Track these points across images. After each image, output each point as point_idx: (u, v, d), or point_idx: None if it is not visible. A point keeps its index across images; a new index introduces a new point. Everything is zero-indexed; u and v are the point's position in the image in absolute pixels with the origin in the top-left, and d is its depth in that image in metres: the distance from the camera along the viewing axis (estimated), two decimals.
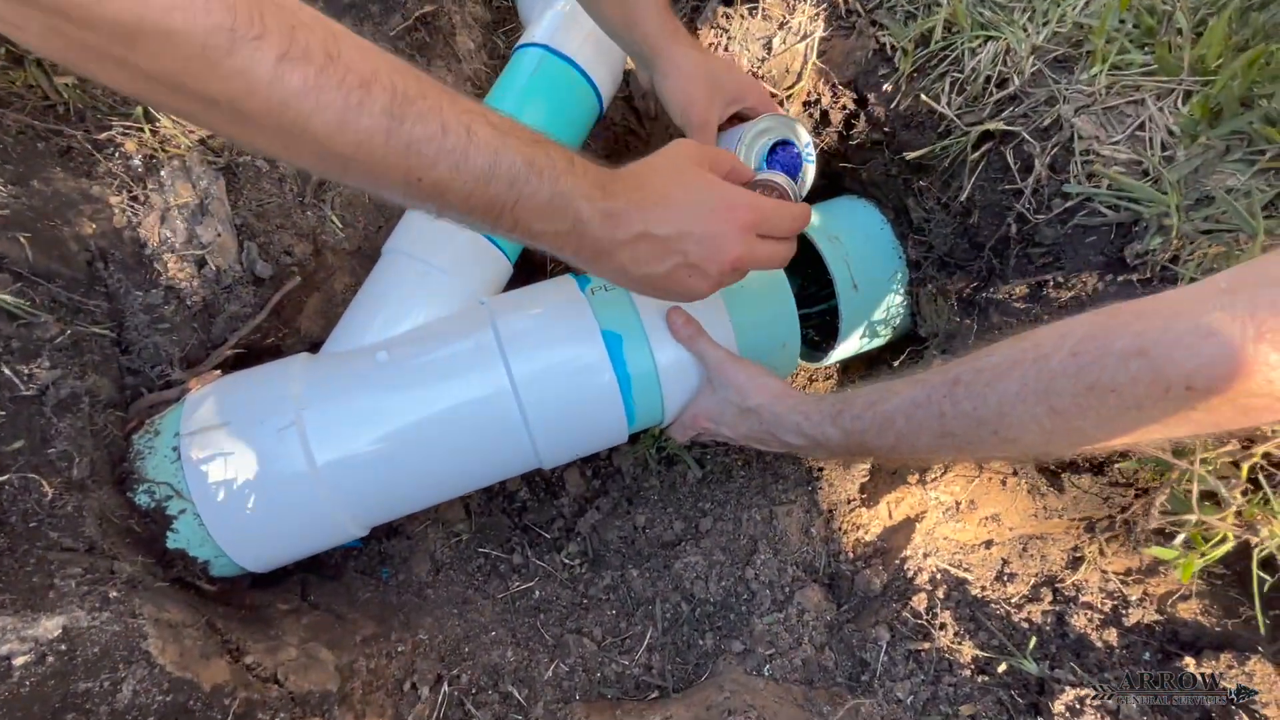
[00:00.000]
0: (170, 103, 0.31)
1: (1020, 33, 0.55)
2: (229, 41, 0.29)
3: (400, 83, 0.34)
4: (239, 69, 0.29)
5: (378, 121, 0.33)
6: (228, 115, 0.31)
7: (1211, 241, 0.43)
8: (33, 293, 0.49)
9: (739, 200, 0.47)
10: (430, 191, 0.36)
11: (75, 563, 0.43)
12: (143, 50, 0.28)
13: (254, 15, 0.29)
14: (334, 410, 0.57)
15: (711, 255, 0.45)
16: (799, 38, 0.72)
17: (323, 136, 0.32)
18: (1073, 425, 0.35)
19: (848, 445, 0.49)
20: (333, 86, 0.31)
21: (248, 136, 0.33)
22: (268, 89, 0.30)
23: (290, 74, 0.30)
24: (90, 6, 0.26)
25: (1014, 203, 0.55)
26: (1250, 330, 0.27)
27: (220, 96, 0.30)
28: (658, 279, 0.46)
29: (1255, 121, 0.44)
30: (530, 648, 0.67)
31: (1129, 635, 0.58)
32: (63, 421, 0.47)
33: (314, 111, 0.31)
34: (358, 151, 0.33)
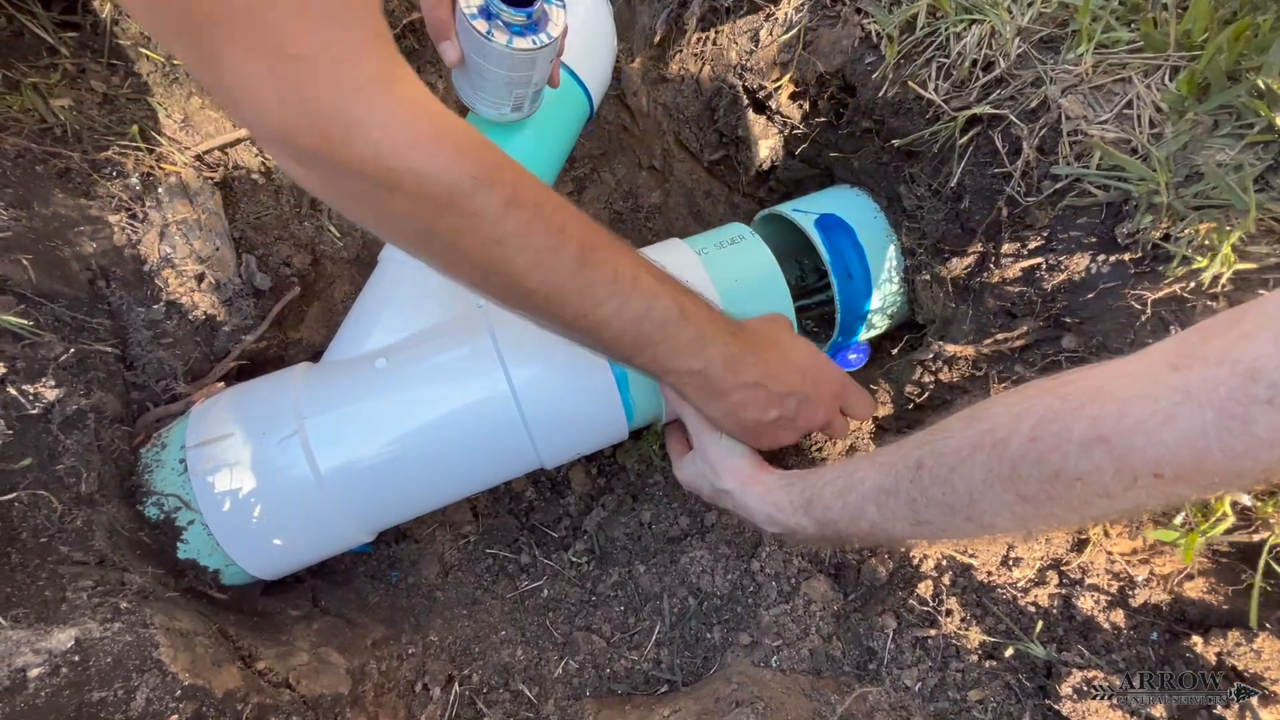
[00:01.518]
0: (396, 235, 0.38)
1: (1005, 15, 0.55)
2: (472, 187, 0.35)
3: (587, 234, 0.41)
4: (476, 210, 0.35)
5: (567, 263, 0.39)
6: (445, 247, 0.37)
7: (1202, 218, 0.43)
8: (36, 313, 0.50)
9: (837, 375, 0.56)
10: (592, 326, 0.42)
11: (86, 575, 0.44)
12: (396, 191, 0.34)
13: (493, 164, 0.36)
14: (336, 418, 0.58)
15: (807, 415, 0.53)
16: (785, 28, 0.72)
17: (520, 271, 0.38)
18: (1045, 511, 0.34)
19: (823, 535, 0.49)
20: (539, 229, 0.38)
21: (450, 264, 0.39)
22: (490, 229, 0.36)
23: (510, 218, 0.36)
24: (364, 155, 0.32)
25: (1004, 186, 0.54)
26: (1209, 415, 0.27)
27: (446, 231, 0.36)
28: (760, 425, 0.52)
29: (1243, 95, 0.44)
30: (540, 646, 0.68)
31: (1136, 616, 0.57)
32: (69, 438, 0.48)
33: (519, 250, 0.37)
34: (543, 286, 0.39)
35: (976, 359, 0.60)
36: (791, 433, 0.53)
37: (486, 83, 0.57)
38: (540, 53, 0.54)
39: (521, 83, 0.57)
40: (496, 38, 0.52)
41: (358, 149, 0.31)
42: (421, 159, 0.33)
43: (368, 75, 0.31)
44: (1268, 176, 0.43)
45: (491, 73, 0.55)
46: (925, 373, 0.66)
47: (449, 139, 0.34)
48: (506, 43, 0.52)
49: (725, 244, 0.68)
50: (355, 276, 0.81)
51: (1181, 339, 0.31)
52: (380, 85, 0.31)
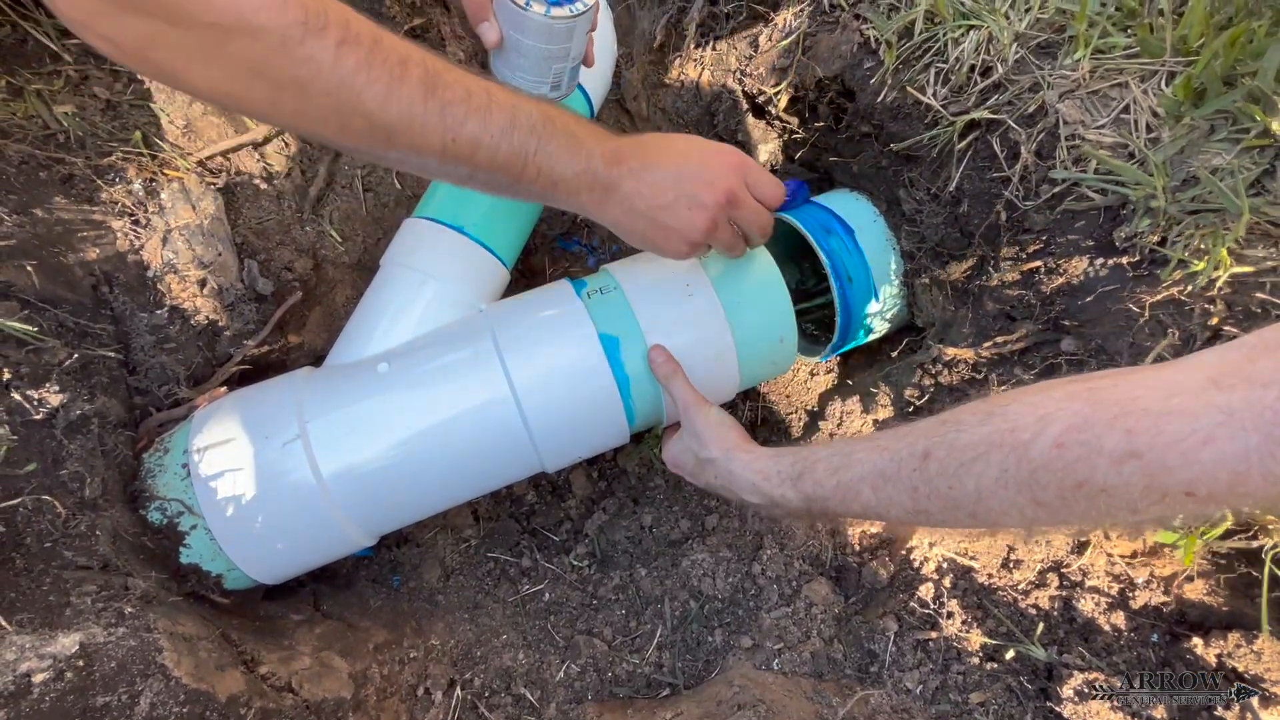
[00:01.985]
0: (247, 94, 0.37)
1: (1002, 20, 0.55)
2: (301, 33, 0.35)
3: (429, 60, 0.41)
4: (309, 55, 0.36)
5: (416, 90, 0.39)
6: (294, 99, 0.37)
7: (1198, 222, 0.43)
8: (40, 319, 0.51)
9: (728, 147, 0.53)
10: (465, 149, 0.42)
11: (90, 580, 0.44)
12: (233, 45, 0.34)
13: (319, 10, 0.36)
14: (337, 422, 0.58)
15: (707, 185, 0.50)
16: (785, 34, 0.73)
17: (373, 108, 0.38)
18: (1058, 517, 0.33)
19: (809, 509, 0.48)
20: (379, 64, 0.38)
21: (307, 118, 0.38)
22: (329, 71, 0.36)
23: (347, 56, 0.36)
24: (196, 13, 0.33)
25: (1002, 190, 0.55)
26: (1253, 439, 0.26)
27: (291, 81, 0.36)
28: (659, 210, 0.49)
29: (1239, 100, 0.44)
30: (541, 649, 0.68)
31: (1136, 618, 0.58)
32: (73, 443, 0.48)
33: (366, 85, 0.37)
34: (401, 117, 0.39)
35: (976, 362, 0.61)
36: (700, 212, 0.50)
37: (526, 60, 0.59)
38: (577, 21, 0.56)
39: (560, 56, 0.59)
40: (534, 8, 0.54)
41: (187, 5, 0.33)
42: (248, 10, 0.34)
43: None
44: (1263, 181, 0.43)
45: (531, 48, 0.57)
46: (925, 375, 0.67)
47: None
48: (544, 13, 0.54)
49: None
50: (356, 281, 0.81)
51: (1225, 353, 0.30)
52: None
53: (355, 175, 0.83)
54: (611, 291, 0.64)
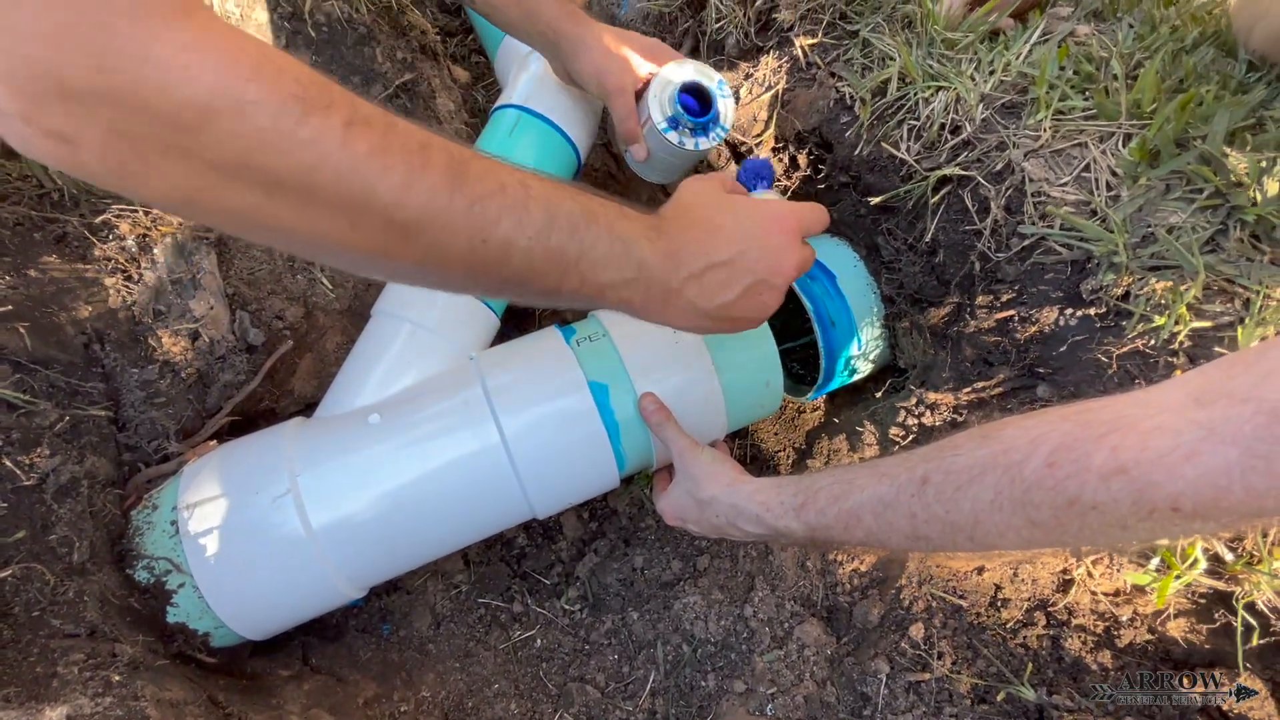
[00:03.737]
0: (223, 196, 0.29)
1: (969, 82, 0.58)
2: (301, 109, 0.28)
3: (453, 148, 0.34)
4: (312, 136, 0.29)
5: (440, 180, 0.33)
6: (292, 196, 0.30)
7: (1158, 278, 0.45)
8: (31, 380, 0.51)
9: (782, 210, 0.48)
10: (496, 253, 0.35)
11: (77, 649, 0.44)
12: (215, 129, 0.27)
13: (321, 87, 0.30)
14: (328, 475, 0.58)
15: (775, 266, 0.46)
16: (764, 88, 0.76)
17: (390, 202, 0.31)
18: (1053, 537, 0.34)
19: (813, 539, 0.47)
20: (396, 148, 0.31)
21: (307, 220, 0.31)
22: (337, 154, 0.30)
23: (358, 139, 0.30)
24: (167, 89, 0.26)
25: (975, 242, 0.57)
26: (1233, 453, 0.27)
27: (287, 171, 0.29)
28: (733, 304, 0.45)
29: (1191, 161, 0.47)
30: (534, 699, 0.67)
31: (1122, 657, 0.58)
32: (63, 507, 0.48)
33: (381, 173, 0.31)
34: (423, 213, 0.32)
35: (957, 405, 0.62)
36: (770, 293, 0.47)
37: (664, 171, 0.72)
38: (715, 147, 0.66)
39: (693, 167, 0.71)
40: (686, 144, 0.64)
41: (153, 76, 0.25)
42: (237, 82, 0.27)
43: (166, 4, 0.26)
44: (1217, 238, 0.46)
45: (673, 165, 0.70)
46: (909, 416, 0.68)
47: (264, 58, 0.28)
48: (695, 146, 0.64)
49: None
50: (348, 327, 0.82)
51: (1205, 373, 0.31)
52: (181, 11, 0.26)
53: None
54: (600, 339, 0.65)
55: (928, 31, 0.65)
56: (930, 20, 0.65)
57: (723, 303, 0.45)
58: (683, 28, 0.84)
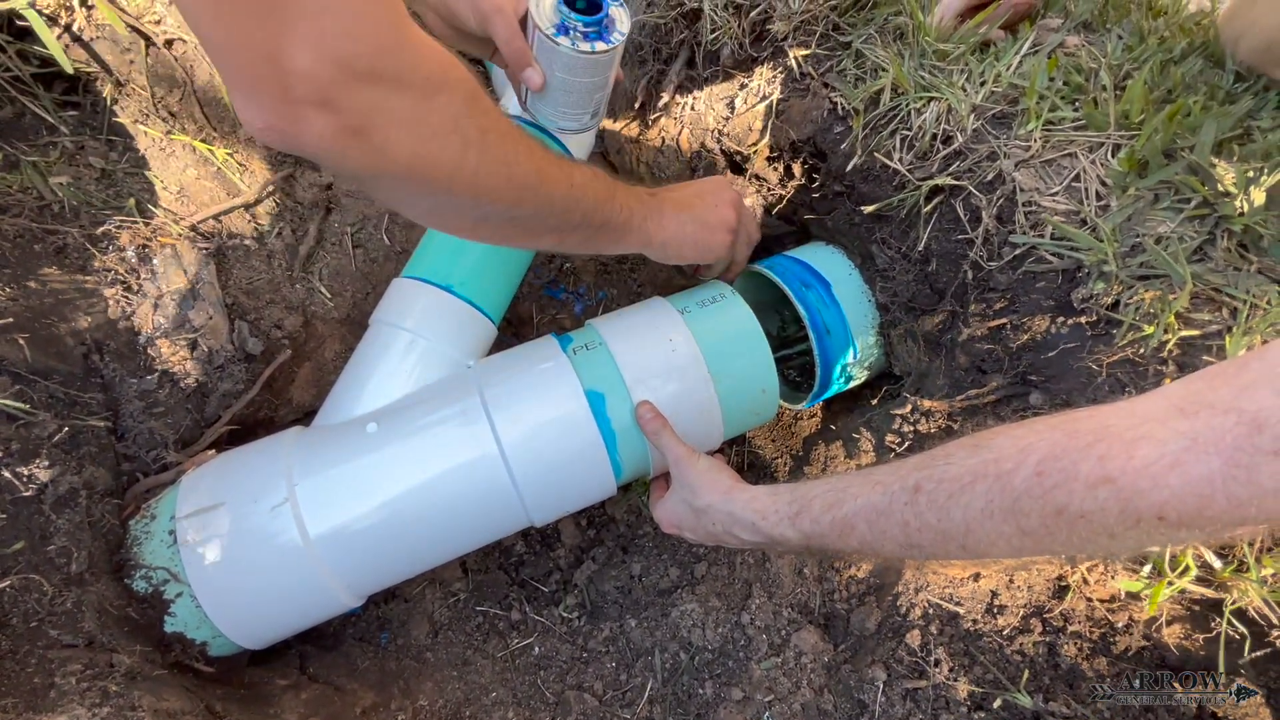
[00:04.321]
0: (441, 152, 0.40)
1: (960, 93, 0.59)
2: (479, 85, 0.40)
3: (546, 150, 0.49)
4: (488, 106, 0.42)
5: (534, 141, 0.46)
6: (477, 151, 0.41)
7: (1147, 287, 0.46)
8: (31, 391, 0.51)
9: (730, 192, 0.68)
10: (580, 192, 0.51)
11: (75, 659, 0.44)
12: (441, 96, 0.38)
13: (476, 74, 0.45)
14: (326, 484, 0.58)
15: (723, 187, 0.66)
16: (759, 98, 0.76)
17: (524, 155, 0.45)
18: (1043, 545, 0.34)
19: (808, 546, 0.48)
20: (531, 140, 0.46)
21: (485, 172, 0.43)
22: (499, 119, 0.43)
23: (495, 108, 0.43)
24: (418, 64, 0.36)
25: (968, 251, 0.58)
26: (1215, 463, 0.28)
27: (478, 132, 0.41)
28: (704, 211, 0.64)
29: (1179, 172, 0.47)
30: (532, 707, 0.67)
31: (1118, 663, 0.59)
32: (61, 518, 0.48)
33: (516, 136, 0.44)
34: (540, 162, 0.46)
35: (951, 412, 0.63)
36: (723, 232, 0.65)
37: (570, 96, 0.64)
38: (617, 50, 0.61)
39: (601, 85, 0.64)
40: (580, 47, 0.59)
41: (413, 59, 0.36)
42: (449, 65, 0.37)
43: (400, 10, 0.35)
44: (1205, 248, 0.46)
45: (575, 84, 0.62)
46: (904, 424, 0.69)
47: (457, 57, 0.39)
48: (590, 49, 0.59)
49: (706, 302, 0.70)
50: (346, 335, 0.82)
51: (1189, 384, 0.31)
52: (406, 15, 0.36)
53: (345, 232, 0.84)
54: (596, 347, 0.66)
55: (919, 43, 0.66)
56: (922, 32, 0.66)
57: (695, 211, 0.63)
58: (678, 38, 0.85)
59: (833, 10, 0.72)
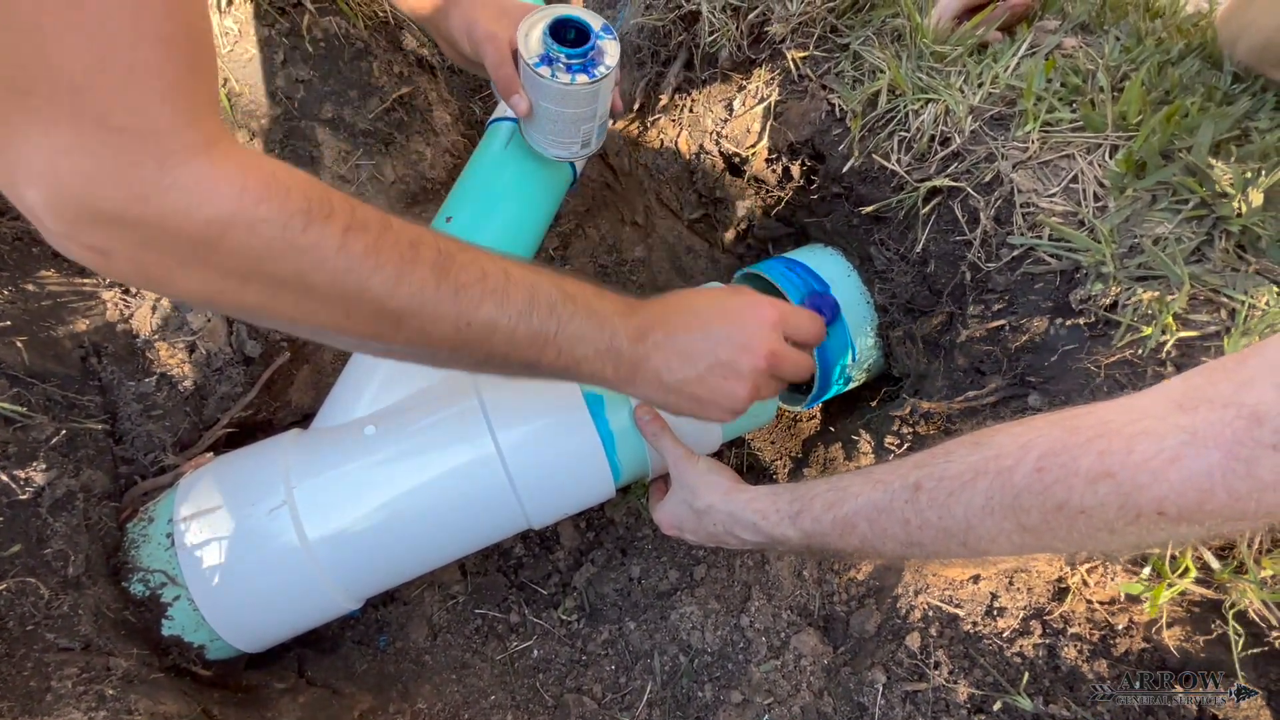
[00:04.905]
0: (238, 296, 0.34)
1: (957, 94, 0.59)
2: (305, 221, 0.32)
3: (442, 242, 0.38)
4: (313, 242, 0.33)
5: (428, 273, 0.36)
6: (294, 294, 0.34)
7: (1145, 288, 0.46)
8: (29, 394, 0.51)
9: (760, 299, 0.48)
10: (480, 334, 0.39)
11: (71, 663, 0.44)
12: (229, 242, 0.31)
13: (323, 198, 0.34)
14: (325, 487, 0.58)
15: (742, 350, 0.45)
16: (757, 100, 0.77)
17: (382, 294, 0.35)
18: (1044, 542, 0.34)
19: (809, 546, 0.47)
20: (388, 247, 0.35)
21: (308, 312, 0.35)
22: (335, 257, 0.34)
23: (354, 242, 0.34)
24: (189, 212, 0.29)
25: (966, 252, 0.58)
26: (1215, 456, 0.28)
27: (291, 274, 0.33)
28: (694, 381, 0.45)
29: (1177, 173, 0.47)
30: (530, 710, 0.67)
31: (1118, 665, 0.58)
32: (58, 521, 0.48)
33: (374, 271, 0.35)
34: (411, 302, 0.36)
35: (950, 414, 0.63)
36: (736, 380, 0.46)
37: (556, 125, 0.62)
38: (600, 85, 0.59)
39: (588, 117, 0.62)
40: (560, 79, 0.57)
41: (178, 204, 0.29)
42: (248, 203, 0.31)
43: (192, 140, 0.30)
44: (1203, 249, 0.46)
45: (560, 114, 0.60)
46: (904, 425, 0.68)
47: (273, 182, 0.32)
48: (569, 82, 0.57)
49: None
50: None
51: (1188, 380, 0.31)
52: (204, 145, 0.30)
53: None
54: None
55: (917, 45, 0.66)
56: (919, 33, 0.66)
57: (684, 378, 0.45)
58: (677, 40, 0.85)
59: (830, 12, 0.72)
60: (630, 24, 0.86)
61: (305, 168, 0.83)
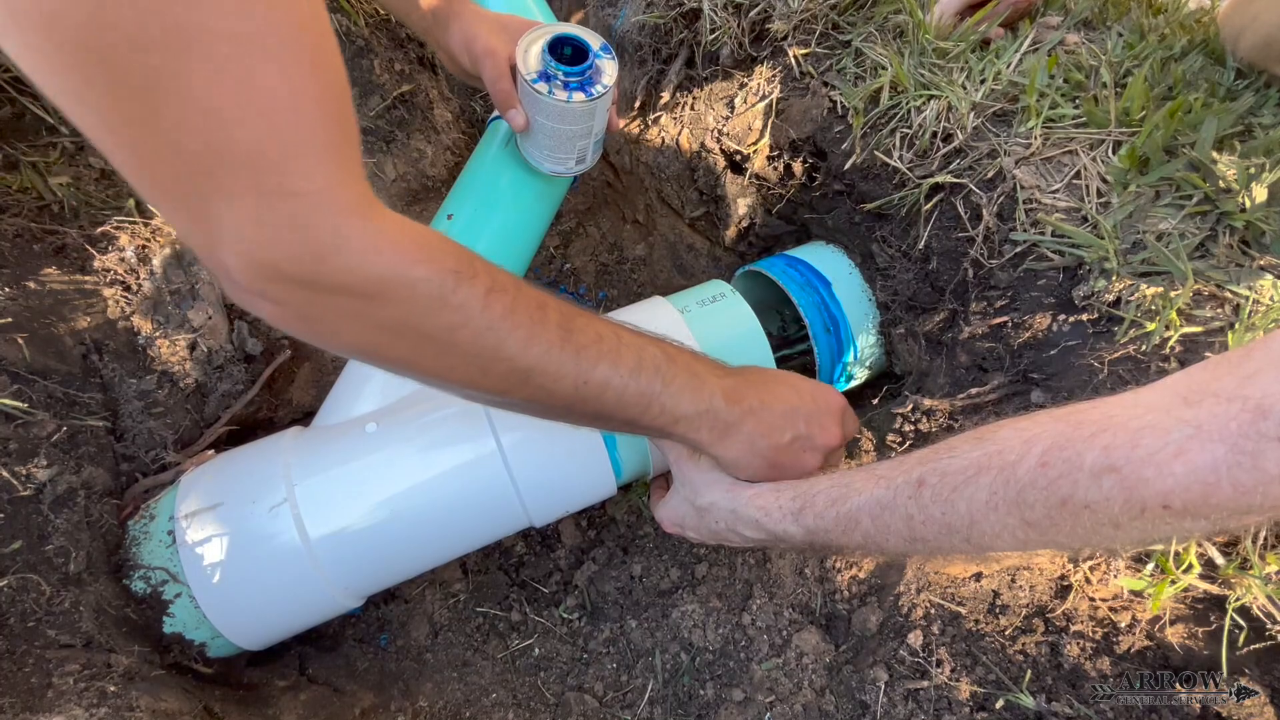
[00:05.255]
0: (390, 349, 0.37)
1: (960, 91, 0.59)
2: (455, 282, 0.36)
3: (563, 306, 0.42)
4: (462, 302, 0.36)
5: (554, 334, 0.40)
6: (439, 349, 0.38)
7: (1149, 284, 0.46)
8: (30, 391, 0.51)
9: (830, 389, 0.55)
10: (594, 391, 0.43)
11: (73, 659, 0.44)
12: (389, 299, 0.35)
13: (469, 261, 0.37)
14: (326, 485, 0.58)
15: (821, 431, 0.51)
16: (759, 97, 0.76)
17: (515, 352, 0.39)
18: (1048, 537, 0.34)
19: (812, 542, 0.47)
20: (522, 309, 0.39)
21: (448, 367, 0.39)
22: (479, 316, 0.37)
23: (495, 303, 0.37)
24: (355, 271, 0.33)
25: (968, 249, 0.57)
26: (1220, 450, 0.28)
27: (440, 330, 0.37)
28: (780, 449, 0.51)
29: (1180, 168, 0.47)
30: (532, 708, 0.67)
31: (1121, 663, 0.58)
32: (59, 517, 0.48)
33: (510, 330, 0.38)
34: (539, 361, 0.40)
35: (952, 411, 0.62)
36: (813, 454, 0.52)
37: (552, 140, 0.63)
38: (597, 103, 0.59)
39: (583, 134, 0.63)
40: (557, 96, 0.57)
41: (349, 264, 0.33)
42: (407, 264, 0.34)
43: (354, 200, 0.33)
44: (1207, 245, 0.46)
45: (556, 130, 0.61)
46: (905, 423, 0.68)
47: (426, 244, 0.36)
48: (566, 99, 0.58)
49: (707, 302, 0.70)
50: None
51: (1191, 374, 0.31)
52: (365, 207, 0.33)
53: None
54: None
55: (919, 41, 0.66)
56: (921, 30, 0.66)
57: (773, 444, 0.50)
58: (678, 38, 0.85)
59: (832, 9, 0.72)
60: (631, 22, 0.86)
61: None
